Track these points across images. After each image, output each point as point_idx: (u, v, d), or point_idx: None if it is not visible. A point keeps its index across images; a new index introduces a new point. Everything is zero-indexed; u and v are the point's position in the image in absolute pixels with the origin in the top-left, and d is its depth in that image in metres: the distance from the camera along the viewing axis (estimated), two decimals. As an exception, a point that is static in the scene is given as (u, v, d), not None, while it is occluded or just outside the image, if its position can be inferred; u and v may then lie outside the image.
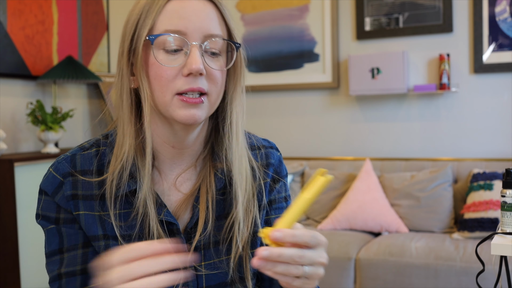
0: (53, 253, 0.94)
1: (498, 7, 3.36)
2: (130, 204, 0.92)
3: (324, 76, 3.80)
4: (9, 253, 2.83)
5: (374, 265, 2.86)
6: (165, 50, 0.88)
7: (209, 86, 0.89)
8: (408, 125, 3.62)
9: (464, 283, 2.68)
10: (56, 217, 0.93)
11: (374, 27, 3.66)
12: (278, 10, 3.91)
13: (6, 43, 3.18)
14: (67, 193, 0.92)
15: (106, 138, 0.97)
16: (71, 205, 0.92)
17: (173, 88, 0.88)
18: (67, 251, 0.93)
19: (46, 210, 0.94)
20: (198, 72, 0.86)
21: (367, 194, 3.27)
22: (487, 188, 3.03)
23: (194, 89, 0.87)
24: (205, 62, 0.88)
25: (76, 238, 0.93)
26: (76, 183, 0.93)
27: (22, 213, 2.84)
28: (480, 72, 3.42)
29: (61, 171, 0.93)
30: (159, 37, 0.87)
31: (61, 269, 0.93)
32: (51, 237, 0.94)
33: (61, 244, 0.93)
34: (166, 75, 0.87)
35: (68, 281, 0.92)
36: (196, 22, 0.88)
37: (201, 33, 0.88)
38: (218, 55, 0.91)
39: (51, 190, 0.93)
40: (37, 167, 2.97)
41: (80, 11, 3.76)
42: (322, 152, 3.84)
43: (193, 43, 0.87)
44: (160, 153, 0.96)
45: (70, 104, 3.65)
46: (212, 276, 0.95)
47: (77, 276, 0.92)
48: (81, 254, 0.93)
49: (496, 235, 1.41)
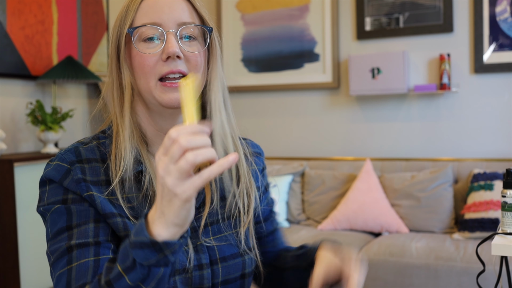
0: (59, 231, 0.91)
1: (498, 7, 3.36)
2: (137, 187, 0.97)
3: (324, 76, 3.80)
4: (9, 253, 2.83)
5: (375, 265, 2.86)
6: (145, 41, 0.97)
7: (188, 68, 0.97)
8: (408, 125, 3.61)
9: (465, 283, 2.67)
10: (63, 199, 0.93)
11: (374, 27, 3.66)
12: (278, 10, 3.91)
13: (5, 43, 3.18)
14: (77, 176, 0.93)
15: (104, 133, 1.03)
16: (82, 187, 0.92)
17: (155, 73, 0.96)
18: (77, 226, 0.91)
19: (52, 196, 0.93)
20: (174, 54, 0.94)
21: (368, 194, 3.27)
22: (487, 188, 3.03)
23: (174, 71, 0.95)
24: (182, 47, 0.97)
25: (86, 215, 0.92)
26: (83, 169, 0.95)
27: (22, 213, 2.84)
28: (481, 72, 3.41)
29: (67, 160, 0.95)
30: (137, 29, 0.97)
31: (71, 241, 0.89)
32: (57, 217, 0.92)
33: (69, 221, 0.91)
34: (147, 62, 0.96)
35: (80, 253, 0.88)
36: (169, 13, 0.97)
37: (174, 22, 0.97)
38: (193, 39, 0.99)
39: (58, 177, 0.93)
40: (37, 167, 2.97)
41: (80, 11, 3.76)
42: (322, 152, 3.84)
43: (168, 31, 0.96)
44: (156, 141, 1.02)
45: (70, 104, 3.65)
46: (224, 248, 1.01)
47: (91, 247, 0.89)
48: (93, 228, 0.91)
49: (497, 235, 1.41)
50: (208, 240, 1.00)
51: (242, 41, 4.01)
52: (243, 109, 3.98)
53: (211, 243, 1.00)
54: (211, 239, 1.00)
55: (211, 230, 1.01)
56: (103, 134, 1.02)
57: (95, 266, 0.87)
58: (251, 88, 3.97)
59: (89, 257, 0.88)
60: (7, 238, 2.83)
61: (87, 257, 0.88)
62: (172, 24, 0.96)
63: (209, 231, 1.01)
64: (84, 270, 0.87)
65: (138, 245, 0.76)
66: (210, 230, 1.01)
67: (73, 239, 0.89)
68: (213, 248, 0.99)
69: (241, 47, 4.01)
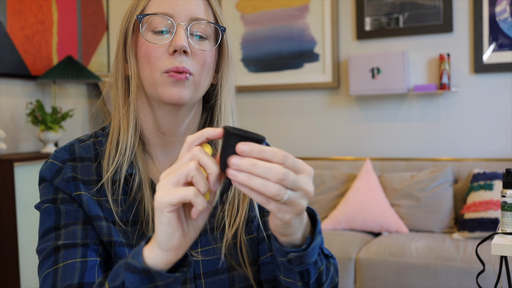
0: (47, 231, 0.89)
1: (498, 7, 3.36)
2: (127, 190, 0.94)
3: (324, 76, 3.80)
4: (9, 253, 2.83)
5: (374, 265, 2.86)
6: (153, 31, 0.93)
7: (193, 66, 0.93)
8: (408, 125, 3.62)
9: (464, 283, 2.67)
10: (53, 198, 0.92)
11: (374, 27, 3.66)
12: (278, 10, 3.91)
13: (5, 43, 3.18)
14: (67, 175, 0.92)
15: (103, 130, 1.01)
16: (71, 186, 0.91)
17: (161, 66, 0.91)
18: (65, 227, 0.89)
19: (43, 195, 0.93)
20: (181, 48, 0.90)
21: (367, 194, 3.27)
22: (487, 188, 3.03)
23: (179, 69, 0.91)
24: (190, 43, 0.92)
25: (75, 215, 0.90)
26: (75, 168, 0.93)
27: (22, 213, 2.84)
28: (480, 72, 3.41)
29: (60, 158, 0.95)
30: (147, 17, 0.93)
31: (58, 242, 0.87)
32: (46, 216, 0.90)
33: (57, 221, 0.89)
34: (154, 54, 0.92)
35: (67, 253, 0.86)
36: (183, 6, 0.93)
37: (187, 15, 0.93)
38: (204, 39, 0.95)
39: (49, 175, 0.93)
40: (37, 167, 2.97)
41: (80, 11, 3.76)
42: (322, 152, 3.84)
43: (179, 24, 0.92)
44: (152, 141, 0.98)
45: (69, 104, 3.65)
46: (209, 262, 0.95)
47: (78, 248, 0.87)
48: (81, 229, 0.89)
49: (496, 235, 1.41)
50: (195, 253, 0.94)
51: (242, 41, 4.01)
52: (243, 109, 3.98)
53: (197, 256, 0.94)
54: (198, 251, 0.95)
55: (199, 241, 0.95)
56: (102, 132, 1.01)
57: (82, 268, 0.85)
58: (251, 88, 3.98)
59: (76, 258, 0.86)
60: (7, 238, 2.83)
61: (74, 258, 0.86)
62: (184, 17, 0.92)
63: (197, 242, 0.95)
64: (70, 271, 0.84)
65: (130, 268, 0.71)
66: (199, 241, 0.95)
67: (60, 239, 0.87)
68: (197, 262, 0.94)
69: (241, 47, 4.01)
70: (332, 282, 0.89)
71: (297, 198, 0.68)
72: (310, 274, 0.82)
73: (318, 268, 0.84)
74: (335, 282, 0.90)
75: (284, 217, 0.69)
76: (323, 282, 0.86)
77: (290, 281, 0.84)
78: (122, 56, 0.96)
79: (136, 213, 0.93)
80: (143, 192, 0.93)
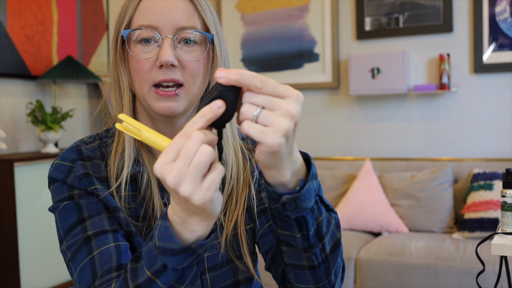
0: (72, 226, 0.89)
1: (498, 7, 3.36)
2: (135, 187, 0.95)
3: (324, 76, 3.80)
4: (9, 253, 2.83)
5: (374, 265, 2.86)
6: (141, 44, 0.93)
7: (184, 77, 0.92)
8: (408, 125, 3.62)
9: (464, 283, 2.68)
10: (69, 195, 0.92)
11: (374, 27, 3.66)
12: (278, 10, 3.91)
13: (6, 43, 3.18)
14: (79, 172, 0.93)
15: (108, 132, 1.02)
16: (85, 182, 0.92)
17: (149, 80, 0.92)
18: (90, 218, 0.90)
19: (57, 194, 0.93)
20: (167, 63, 0.90)
21: (367, 194, 3.27)
22: (487, 188, 3.03)
23: (167, 80, 0.91)
24: (178, 54, 0.92)
25: (97, 207, 0.91)
26: (85, 166, 0.94)
27: (22, 213, 2.84)
28: (480, 72, 3.41)
29: (68, 158, 0.95)
30: (132, 31, 0.92)
31: (87, 232, 0.88)
32: (67, 213, 0.91)
33: (80, 215, 0.90)
34: (142, 68, 0.92)
35: (99, 241, 0.87)
36: (168, 16, 0.91)
37: (172, 26, 0.91)
38: (194, 43, 0.93)
39: (61, 176, 0.93)
40: (37, 167, 2.97)
41: (80, 11, 3.76)
42: (322, 152, 3.84)
43: (165, 36, 0.91)
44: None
45: (70, 104, 3.65)
46: (212, 257, 0.97)
47: (109, 234, 0.88)
48: (106, 218, 0.90)
49: (496, 235, 1.41)
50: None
51: (242, 41, 4.01)
52: (243, 109, 3.98)
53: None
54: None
55: None
56: (106, 133, 1.01)
57: (118, 251, 0.86)
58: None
59: (109, 243, 0.87)
60: (7, 238, 2.83)
61: (108, 243, 0.87)
62: (169, 28, 0.91)
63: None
64: (107, 256, 0.85)
65: (169, 252, 0.70)
66: None
67: (88, 230, 0.88)
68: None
69: (241, 47, 4.01)
70: (334, 237, 0.84)
71: (274, 116, 0.65)
72: (308, 223, 0.77)
73: (317, 219, 0.78)
74: (336, 237, 0.84)
75: (264, 139, 0.65)
76: (324, 235, 0.81)
77: (288, 233, 0.80)
78: (115, 67, 0.98)
79: (146, 209, 0.95)
80: (151, 189, 0.94)
